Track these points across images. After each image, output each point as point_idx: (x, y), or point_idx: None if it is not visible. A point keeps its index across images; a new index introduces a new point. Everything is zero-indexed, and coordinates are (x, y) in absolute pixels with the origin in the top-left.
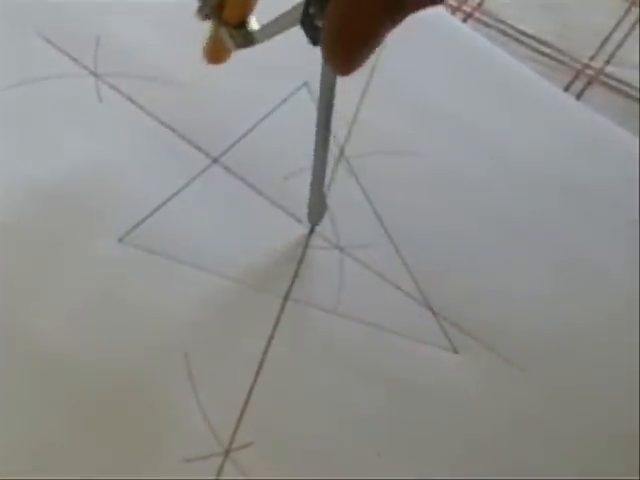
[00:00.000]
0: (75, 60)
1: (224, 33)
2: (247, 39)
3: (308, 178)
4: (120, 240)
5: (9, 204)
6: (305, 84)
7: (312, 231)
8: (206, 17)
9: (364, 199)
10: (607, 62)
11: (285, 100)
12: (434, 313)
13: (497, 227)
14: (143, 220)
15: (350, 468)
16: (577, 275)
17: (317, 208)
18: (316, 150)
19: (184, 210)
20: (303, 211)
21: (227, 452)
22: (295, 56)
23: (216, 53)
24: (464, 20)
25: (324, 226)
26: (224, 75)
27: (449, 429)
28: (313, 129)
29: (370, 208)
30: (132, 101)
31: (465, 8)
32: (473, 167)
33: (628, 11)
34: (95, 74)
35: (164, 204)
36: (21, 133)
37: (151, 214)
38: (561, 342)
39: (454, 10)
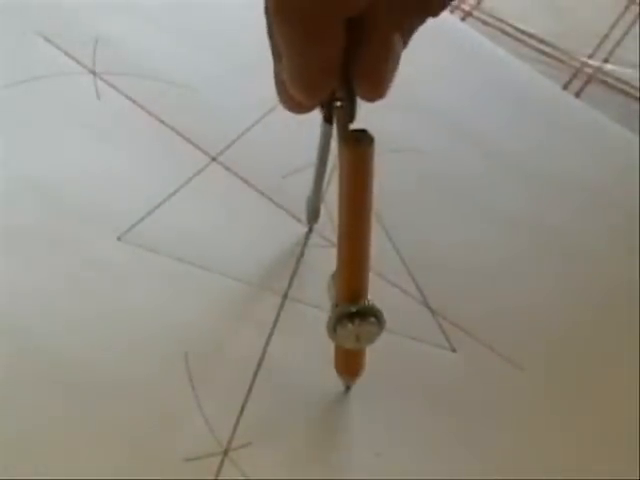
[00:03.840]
0: (74, 58)
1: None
2: None
3: (306, 177)
4: (119, 239)
5: (8, 204)
6: None
7: (311, 230)
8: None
9: None
10: (605, 60)
11: None
12: (432, 312)
13: (496, 225)
14: (142, 219)
15: (349, 468)
16: (577, 273)
17: (316, 207)
18: (319, 149)
19: (183, 208)
20: (301, 210)
21: (226, 452)
22: None
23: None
24: (463, 19)
25: (323, 224)
26: (222, 74)
27: (447, 428)
28: (310, 128)
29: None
30: (130, 99)
31: (464, 7)
32: (472, 164)
33: (626, 9)
34: (94, 72)
35: (163, 203)
36: (20, 132)
37: (150, 213)
38: (560, 341)
39: (453, 9)
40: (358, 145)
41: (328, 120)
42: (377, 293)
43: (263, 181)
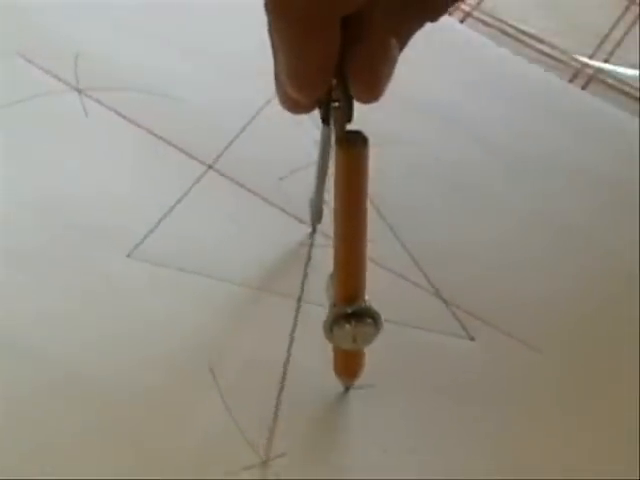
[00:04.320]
0: (56, 77)
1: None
2: None
3: (303, 177)
4: (128, 256)
5: (12, 225)
6: None
7: (314, 230)
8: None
9: None
10: (606, 61)
11: (269, 101)
12: (446, 302)
13: (504, 215)
14: (148, 234)
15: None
16: (584, 256)
17: (319, 207)
18: (320, 150)
19: (186, 219)
20: (302, 210)
21: (265, 462)
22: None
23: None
24: (462, 20)
25: (326, 224)
26: (207, 81)
27: (470, 417)
28: (299, 127)
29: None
30: (118, 114)
31: (464, 7)
32: (471, 156)
33: (627, 10)
34: (78, 89)
35: (166, 216)
36: (13, 155)
37: (155, 227)
38: (577, 324)
39: (453, 9)
40: (352, 146)
41: (325, 121)
42: (388, 288)
43: (261, 185)
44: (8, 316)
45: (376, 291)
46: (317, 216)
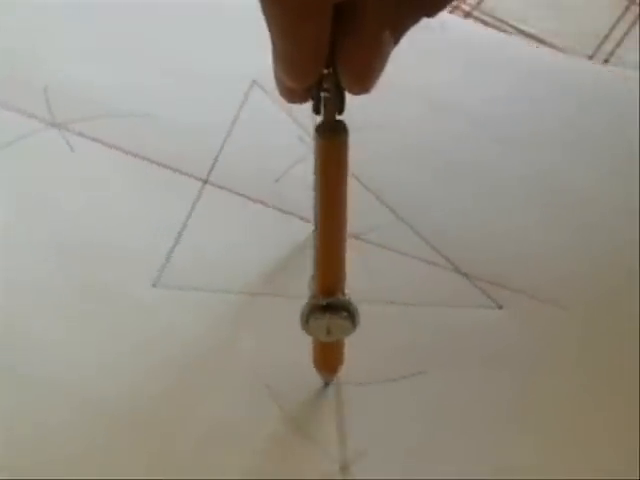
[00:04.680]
0: (32, 115)
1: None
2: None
3: (296, 174)
4: (154, 285)
5: (32, 265)
6: (254, 82)
7: None
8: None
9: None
10: (606, 61)
11: (243, 104)
12: (467, 276)
13: (498, 183)
14: (167, 260)
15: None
16: (586, 215)
17: None
18: None
19: (196, 237)
20: (303, 207)
21: (344, 468)
22: (237, 58)
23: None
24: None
25: None
26: (178, 96)
27: (507, 385)
28: (279, 124)
29: (366, 189)
30: (102, 142)
31: (464, 7)
32: (460, 132)
33: (627, 10)
34: (55, 124)
35: (179, 239)
36: (12, 200)
37: (171, 251)
38: (599, 279)
39: (453, 9)
40: (332, 136)
41: (316, 111)
42: (405, 272)
43: (258, 190)
44: (37, 347)
45: (395, 276)
46: None
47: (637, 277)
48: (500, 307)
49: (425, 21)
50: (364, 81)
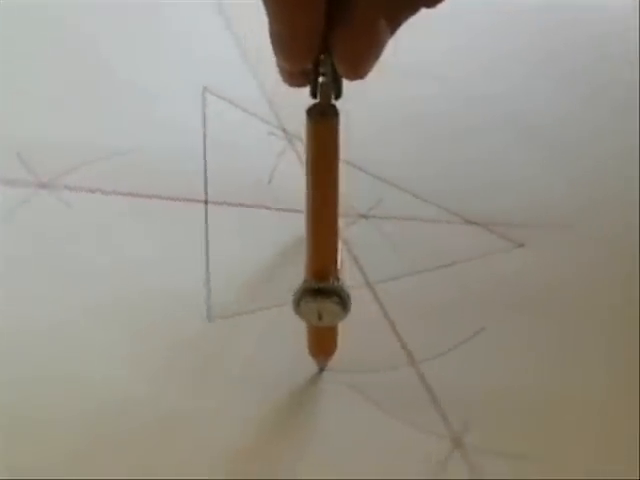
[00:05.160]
0: (16, 183)
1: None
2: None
3: (285, 170)
4: (210, 320)
5: (79, 324)
6: (205, 89)
7: None
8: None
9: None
10: None
11: (205, 115)
12: (478, 224)
13: (485, 134)
14: (209, 292)
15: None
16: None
17: None
18: None
19: (224, 260)
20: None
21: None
22: (181, 68)
23: (321, 344)
24: None
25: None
26: (145, 121)
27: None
28: (246, 125)
29: (355, 168)
30: (95, 190)
31: None
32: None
33: None
34: (42, 185)
35: (209, 267)
36: (35, 271)
37: (208, 280)
38: (602, 199)
39: None
40: (322, 119)
41: (314, 95)
42: (421, 234)
43: (256, 196)
44: (95, 389)
45: (415, 243)
46: None
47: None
48: (521, 245)
49: None
50: (358, 68)
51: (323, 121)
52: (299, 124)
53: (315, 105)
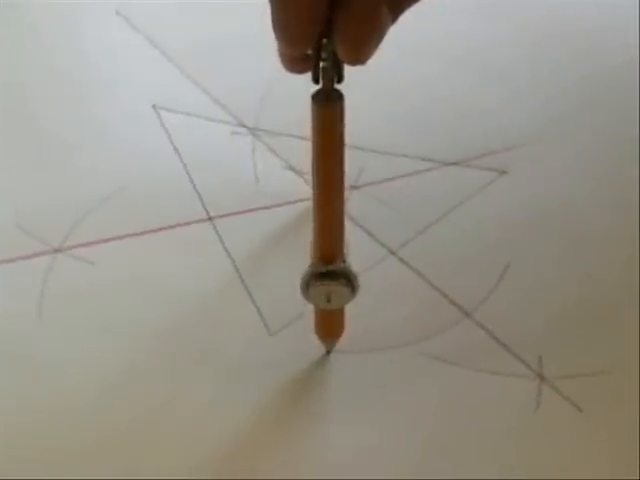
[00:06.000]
0: (31, 255)
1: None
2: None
3: (266, 165)
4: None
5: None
6: (154, 107)
7: None
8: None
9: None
10: None
11: (169, 135)
12: (458, 164)
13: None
14: (258, 310)
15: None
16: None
17: None
18: None
19: (257, 276)
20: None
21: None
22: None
23: (329, 326)
24: None
25: None
26: (122, 154)
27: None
28: (210, 131)
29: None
30: (109, 240)
31: None
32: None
33: None
34: (58, 250)
35: (248, 288)
36: (99, 330)
37: (254, 301)
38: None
39: None
40: (327, 103)
41: (316, 80)
42: (414, 186)
43: (254, 200)
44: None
45: (412, 196)
46: None
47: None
48: (504, 172)
49: None
50: (358, 54)
51: (328, 106)
52: (256, 117)
53: (319, 90)
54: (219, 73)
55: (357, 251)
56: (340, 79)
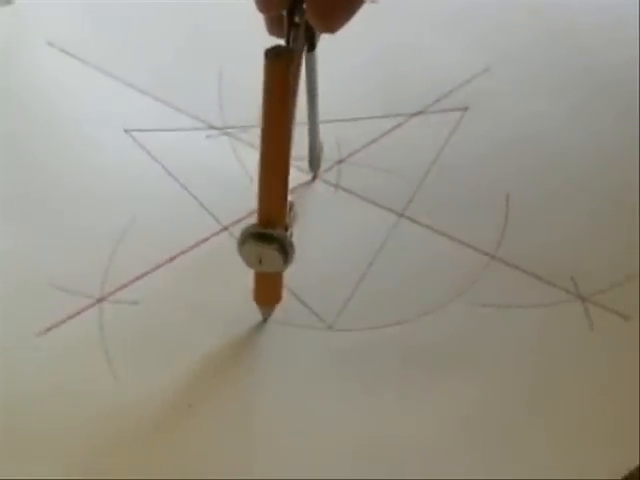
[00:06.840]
0: (77, 314)
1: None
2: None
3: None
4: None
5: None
6: (126, 131)
7: (315, 177)
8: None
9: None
10: None
11: (152, 156)
12: (423, 112)
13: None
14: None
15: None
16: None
17: (316, 152)
18: (309, 107)
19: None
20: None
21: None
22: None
23: (265, 292)
24: None
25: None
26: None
27: None
28: (185, 140)
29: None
30: (144, 275)
31: None
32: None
33: None
34: (99, 299)
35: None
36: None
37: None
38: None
39: None
40: (276, 60)
41: (287, 42)
42: (380, 152)
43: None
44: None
45: (388, 158)
46: (316, 162)
47: None
48: (466, 108)
49: None
50: (329, 23)
51: (277, 61)
52: (222, 116)
53: (272, 47)
54: (170, 81)
55: (368, 222)
56: (312, 47)
